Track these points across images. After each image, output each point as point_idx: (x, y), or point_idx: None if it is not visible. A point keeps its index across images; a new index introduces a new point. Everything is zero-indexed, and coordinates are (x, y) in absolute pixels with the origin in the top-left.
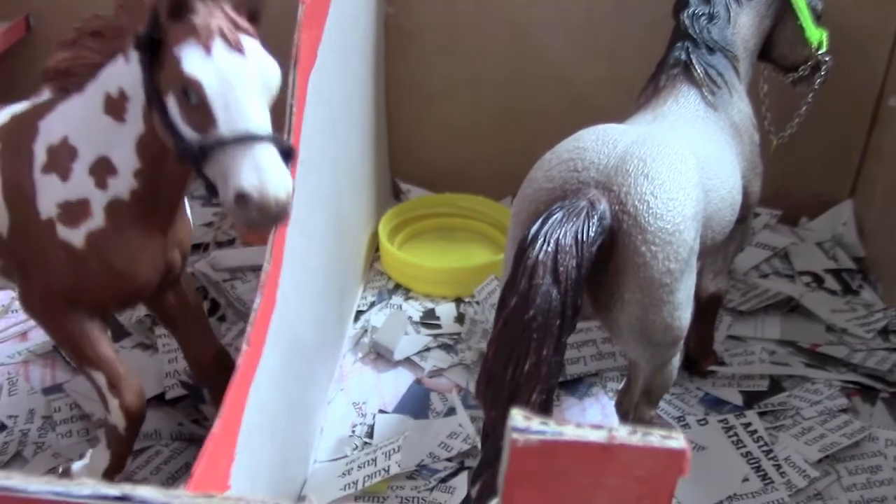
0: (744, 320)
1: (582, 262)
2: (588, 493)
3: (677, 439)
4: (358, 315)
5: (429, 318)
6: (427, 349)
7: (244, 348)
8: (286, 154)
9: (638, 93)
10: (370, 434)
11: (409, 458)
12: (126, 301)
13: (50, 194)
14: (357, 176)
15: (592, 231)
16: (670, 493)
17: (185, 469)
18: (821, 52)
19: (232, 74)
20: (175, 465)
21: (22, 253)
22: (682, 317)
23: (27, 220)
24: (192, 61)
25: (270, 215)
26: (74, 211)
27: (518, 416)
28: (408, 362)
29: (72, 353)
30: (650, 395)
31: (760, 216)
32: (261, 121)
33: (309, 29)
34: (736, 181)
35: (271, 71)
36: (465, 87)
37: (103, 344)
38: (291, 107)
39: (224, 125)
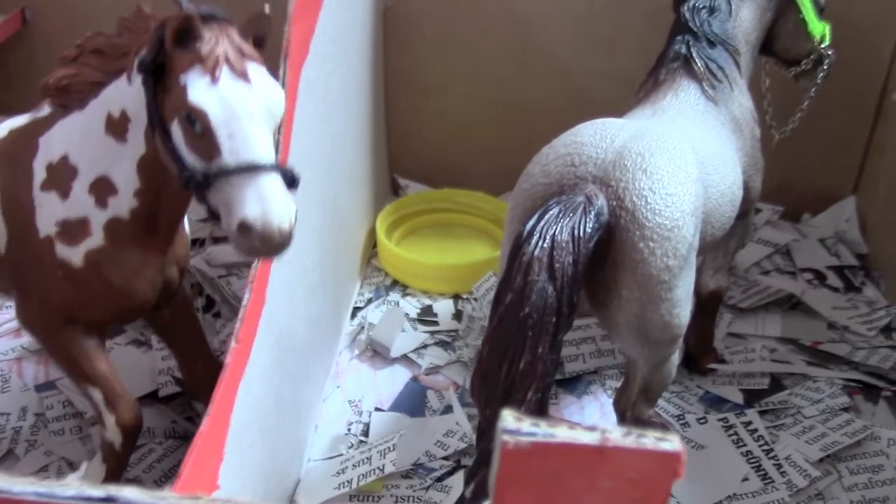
0: (744, 317)
1: (578, 258)
2: (581, 496)
3: (672, 441)
4: (355, 312)
5: (426, 315)
6: (424, 346)
7: (232, 345)
8: (290, 182)
9: (638, 86)
10: (366, 432)
11: (404, 457)
12: (124, 318)
13: (49, 212)
14: (354, 171)
15: (589, 227)
16: (665, 496)
17: (178, 467)
18: (824, 45)
19: (237, 104)
20: (168, 463)
21: (20, 269)
22: (681, 314)
23: (25, 237)
24: (198, 90)
25: (273, 245)
26: (74, 229)
27: (509, 418)
28: (405, 359)
29: (68, 369)
30: (648, 393)
31: (762, 212)
32: (265, 150)
33: (300, 21)
34: (736, 176)
35: (276, 98)
36: (464, 80)
37: (100, 360)
38: None
39: (228, 154)
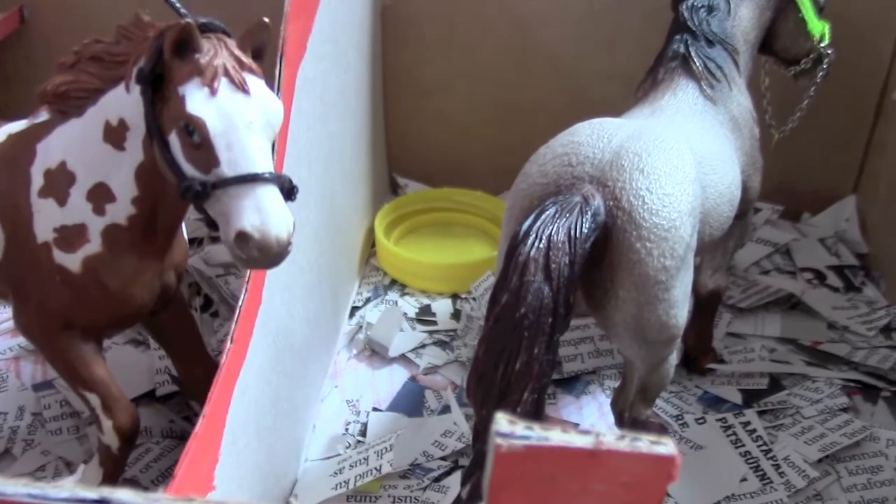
0: (744, 317)
1: (575, 258)
2: (575, 500)
3: (666, 445)
4: (353, 311)
5: (425, 315)
6: (422, 346)
7: (228, 345)
8: (288, 192)
9: (637, 86)
10: (363, 432)
11: (401, 457)
12: (121, 323)
13: (47, 219)
14: (352, 170)
15: (586, 227)
16: (660, 499)
17: (175, 467)
18: (823, 44)
19: (236, 115)
20: (166, 462)
21: (17, 275)
22: (679, 314)
23: (23, 243)
24: (196, 101)
25: (271, 255)
26: (71, 236)
27: (502, 421)
28: (403, 359)
29: (66, 375)
30: (646, 393)
31: (762, 212)
32: (263, 161)
33: (296, 20)
34: (735, 176)
35: (275, 109)
36: (463, 79)
37: (98, 365)
38: None
39: (227, 165)
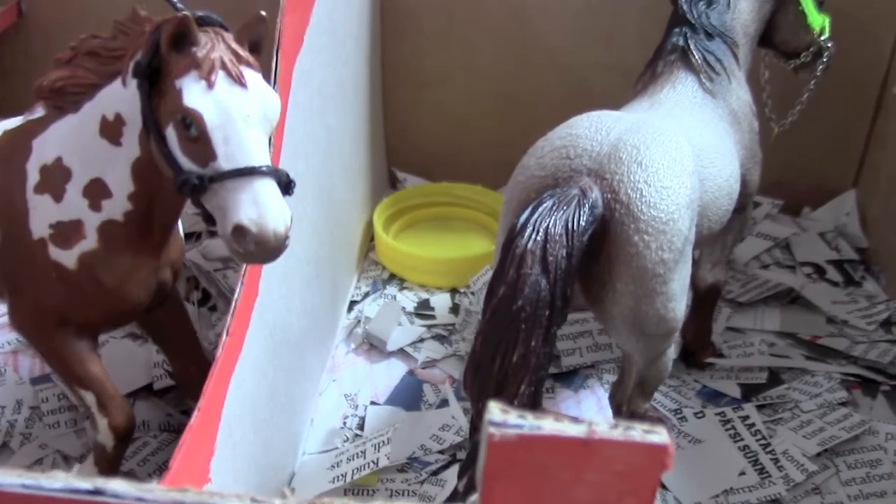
0: (743, 312)
1: (572, 251)
2: (568, 489)
3: (660, 434)
4: (351, 305)
5: (423, 309)
6: (421, 340)
7: (224, 338)
8: (286, 186)
9: (635, 79)
10: (361, 426)
11: (399, 451)
12: (117, 321)
13: (43, 214)
14: (351, 164)
15: (583, 220)
16: (653, 488)
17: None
18: (823, 37)
19: (233, 108)
20: (163, 456)
21: (12, 271)
22: (677, 308)
23: (19, 239)
24: (193, 94)
25: (269, 249)
26: (67, 232)
27: (495, 410)
28: (401, 353)
29: (61, 372)
30: (644, 387)
31: (762, 206)
32: (261, 154)
33: (293, 12)
34: (734, 169)
35: (272, 103)
36: (462, 72)
37: (93, 363)
38: None
39: (224, 159)
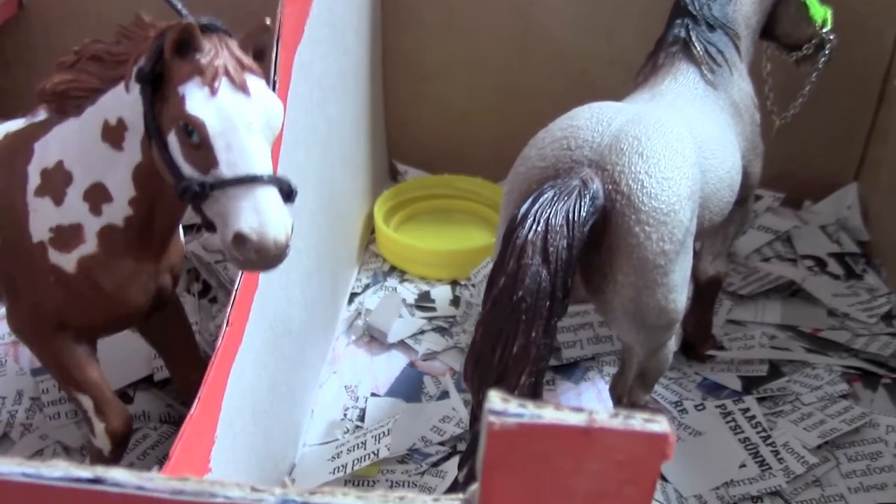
0: (744, 304)
1: (573, 242)
2: (569, 478)
3: (660, 423)
4: (352, 297)
5: (424, 301)
6: (421, 332)
7: (224, 329)
8: (287, 194)
9: (637, 71)
10: (362, 417)
11: (399, 442)
12: (116, 325)
13: (43, 218)
14: (351, 155)
15: (584, 211)
16: (654, 478)
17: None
18: (825, 30)
19: (236, 115)
20: (163, 449)
21: (11, 274)
22: (677, 299)
23: (18, 242)
24: (196, 101)
25: (269, 257)
26: (67, 236)
27: (495, 399)
28: (401, 345)
29: (58, 376)
30: (644, 378)
31: (763, 199)
32: (263, 162)
33: (294, 3)
34: (735, 161)
35: (275, 111)
36: (463, 65)
37: (91, 367)
38: (275, 83)
39: (225, 166)
